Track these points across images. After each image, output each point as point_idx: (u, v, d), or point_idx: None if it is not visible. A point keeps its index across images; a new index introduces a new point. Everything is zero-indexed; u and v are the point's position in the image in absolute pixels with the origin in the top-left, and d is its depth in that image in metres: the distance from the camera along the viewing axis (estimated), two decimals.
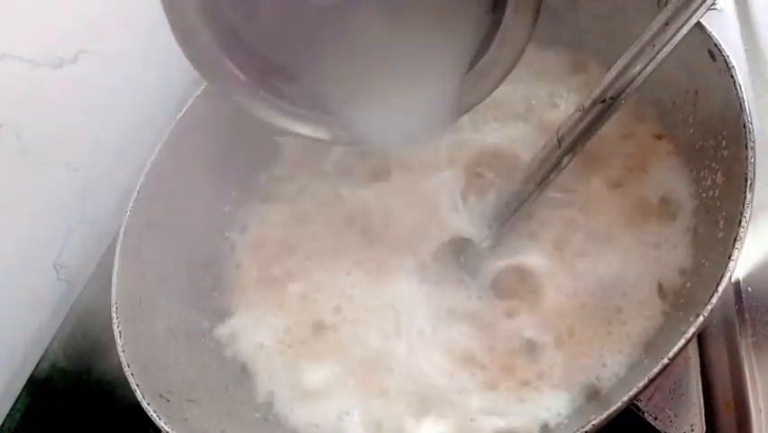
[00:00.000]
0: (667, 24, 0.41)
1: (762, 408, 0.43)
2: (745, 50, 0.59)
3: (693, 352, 0.45)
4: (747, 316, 0.47)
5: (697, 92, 0.45)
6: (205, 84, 0.56)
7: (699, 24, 0.43)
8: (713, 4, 0.40)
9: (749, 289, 0.48)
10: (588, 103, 0.44)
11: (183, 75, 0.80)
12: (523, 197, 0.48)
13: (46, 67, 0.68)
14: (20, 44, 0.65)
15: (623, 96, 0.43)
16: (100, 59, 0.74)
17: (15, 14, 0.64)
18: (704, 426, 0.42)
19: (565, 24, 0.55)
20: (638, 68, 0.42)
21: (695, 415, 0.43)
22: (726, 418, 0.44)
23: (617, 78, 0.42)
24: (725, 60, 0.41)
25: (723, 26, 0.61)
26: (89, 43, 0.73)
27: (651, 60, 0.41)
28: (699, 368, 0.45)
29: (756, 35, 0.59)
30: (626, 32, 0.44)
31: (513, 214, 0.48)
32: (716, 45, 0.42)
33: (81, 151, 0.72)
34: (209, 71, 0.49)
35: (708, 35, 0.43)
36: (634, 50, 0.42)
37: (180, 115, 0.56)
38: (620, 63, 0.42)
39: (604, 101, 0.43)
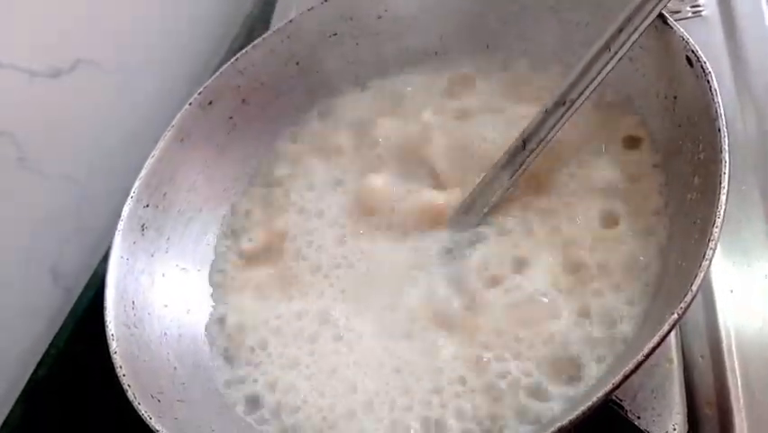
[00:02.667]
0: (621, 30, 0.45)
1: (743, 407, 0.43)
2: (729, 55, 0.60)
3: (676, 353, 0.45)
4: (729, 317, 0.47)
5: (675, 98, 0.46)
6: (199, 92, 0.58)
7: (676, 31, 0.45)
8: (662, 9, 0.44)
9: (731, 290, 0.49)
10: (549, 105, 0.47)
11: (179, 85, 0.82)
12: (487, 199, 0.50)
13: (44, 76, 0.69)
14: (17, 54, 0.66)
15: (582, 97, 0.46)
16: (97, 69, 0.75)
17: (13, 24, 0.66)
18: (686, 425, 0.43)
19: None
20: (595, 70, 0.46)
21: (678, 414, 0.43)
22: (709, 417, 0.44)
23: (576, 80, 0.47)
24: (701, 66, 0.42)
25: (707, 32, 0.61)
26: (87, 53, 0.74)
27: (607, 63, 0.46)
28: (681, 368, 0.45)
29: (739, 41, 0.60)
30: None
31: (477, 217, 0.51)
32: (693, 51, 0.43)
33: (78, 160, 0.74)
34: None
35: (686, 41, 0.44)
36: (591, 53, 0.46)
37: (174, 122, 0.57)
38: (579, 66, 0.47)
39: (564, 103, 0.47)
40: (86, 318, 0.70)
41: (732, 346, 0.46)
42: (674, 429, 0.42)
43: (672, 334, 0.46)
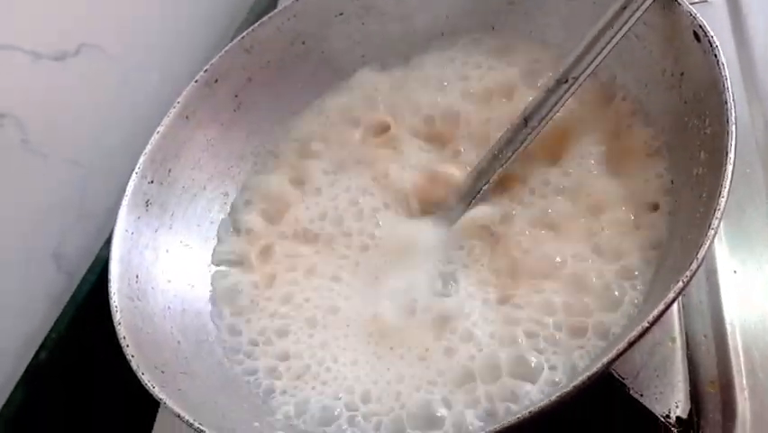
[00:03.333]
0: (625, 7, 0.45)
1: (745, 386, 0.44)
2: (735, 41, 0.60)
3: (679, 332, 0.46)
4: (733, 297, 0.48)
5: (682, 74, 0.46)
6: (204, 69, 0.58)
7: (684, 6, 0.45)
8: None
9: (735, 271, 0.49)
10: (551, 83, 0.48)
11: (184, 71, 0.82)
12: (489, 174, 0.51)
13: (48, 59, 0.69)
14: (22, 36, 0.66)
15: (583, 75, 0.47)
16: (102, 53, 0.76)
17: (18, 6, 0.65)
18: (689, 403, 0.43)
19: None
20: (598, 48, 0.47)
21: (680, 392, 0.43)
22: (711, 396, 0.45)
23: (578, 58, 0.47)
24: (709, 41, 0.42)
25: (713, 17, 0.61)
26: (91, 37, 0.74)
27: (609, 42, 0.46)
28: (684, 347, 0.45)
29: (745, 27, 0.60)
30: None
31: (479, 191, 0.51)
32: (701, 27, 0.43)
33: (82, 144, 0.74)
34: None
35: (694, 17, 0.44)
36: (594, 31, 0.46)
37: (180, 99, 0.57)
38: (581, 44, 0.47)
39: (566, 81, 0.47)
40: (88, 302, 0.70)
41: (735, 326, 0.46)
42: (677, 407, 0.42)
43: (676, 313, 0.46)
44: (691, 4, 0.60)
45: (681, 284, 0.34)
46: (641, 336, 0.34)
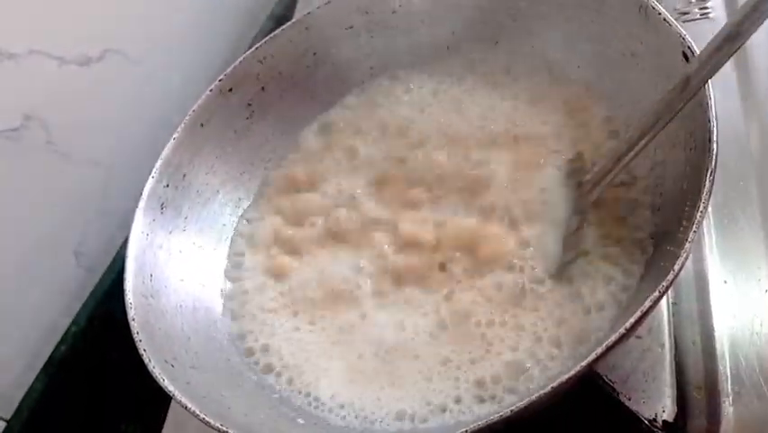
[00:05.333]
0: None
1: (730, 392, 0.45)
2: (734, 56, 0.60)
3: (668, 338, 0.47)
4: (722, 306, 0.49)
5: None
6: (219, 79, 0.60)
7: (674, 27, 0.47)
8: None
9: (725, 281, 0.50)
10: (718, 41, 0.43)
11: (202, 78, 0.84)
12: (644, 141, 0.46)
13: (74, 64, 0.72)
14: (49, 41, 0.69)
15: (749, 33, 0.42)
16: (125, 59, 0.78)
17: (46, 12, 0.68)
18: (675, 407, 0.44)
19: None
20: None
21: (667, 397, 0.45)
22: (697, 401, 0.46)
23: (748, 14, 0.41)
24: None
25: (714, 32, 0.62)
26: (115, 43, 0.76)
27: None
28: (673, 353, 0.47)
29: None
30: None
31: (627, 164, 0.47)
32: (689, 47, 0.45)
33: (104, 146, 0.76)
34: None
35: (683, 38, 0.45)
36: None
37: (195, 106, 0.59)
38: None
39: (738, 35, 0.42)
40: (106, 299, 0.73)
41: (723, 334, 0.47)
42: (663, 411, 0.44)
43: (666, 320, 0.48)
44: (694, 20, 0.63)
45: (657, 294, 0.36)
46: (618, 341, 0.36)
